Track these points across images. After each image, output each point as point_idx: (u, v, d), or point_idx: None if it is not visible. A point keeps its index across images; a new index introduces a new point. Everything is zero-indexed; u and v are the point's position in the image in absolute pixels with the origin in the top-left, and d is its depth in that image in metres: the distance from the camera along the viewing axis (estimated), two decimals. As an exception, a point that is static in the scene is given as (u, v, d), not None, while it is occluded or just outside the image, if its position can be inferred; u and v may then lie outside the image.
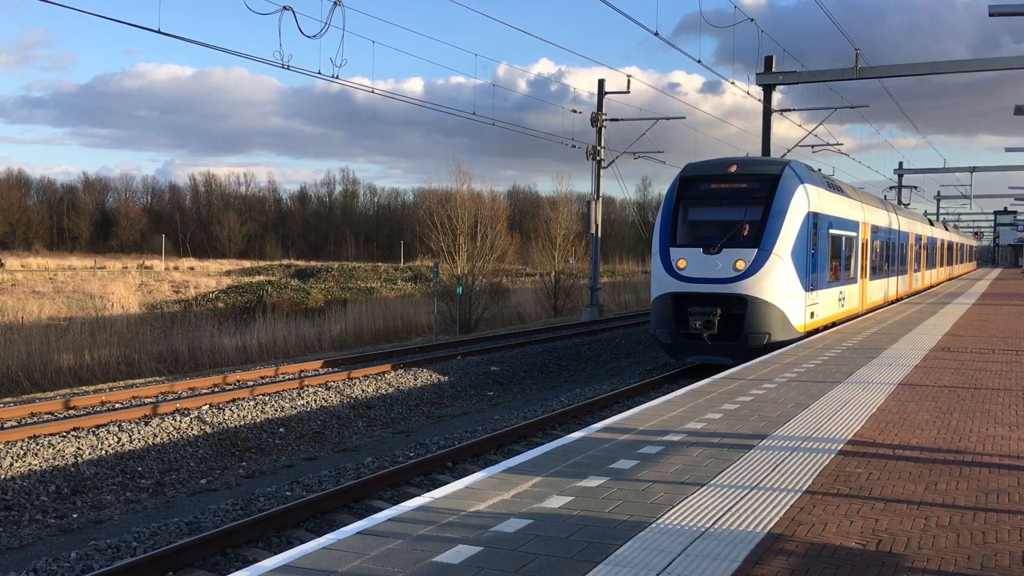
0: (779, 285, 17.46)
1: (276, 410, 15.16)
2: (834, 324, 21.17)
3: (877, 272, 27.06)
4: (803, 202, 18.22)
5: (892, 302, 29.89)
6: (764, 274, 17.33)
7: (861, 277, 24.50)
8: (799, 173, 18.77)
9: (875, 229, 26.28)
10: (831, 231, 20.50)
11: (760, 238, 17.54)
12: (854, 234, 23.26)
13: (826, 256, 20.05)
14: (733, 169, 18.63)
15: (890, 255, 29.57)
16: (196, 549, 8.28)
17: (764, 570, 4.92)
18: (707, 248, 17.75)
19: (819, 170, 22.62)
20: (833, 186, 22.06)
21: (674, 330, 18.04)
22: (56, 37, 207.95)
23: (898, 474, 7.09)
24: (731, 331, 17.53)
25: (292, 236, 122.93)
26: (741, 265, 17.37)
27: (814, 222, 18.79)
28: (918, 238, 37.30)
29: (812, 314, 19.05)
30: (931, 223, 47.40)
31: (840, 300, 21.83)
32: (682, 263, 17.88)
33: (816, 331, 19.36)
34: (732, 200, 18.32)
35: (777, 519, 5.86)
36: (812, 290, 18.89)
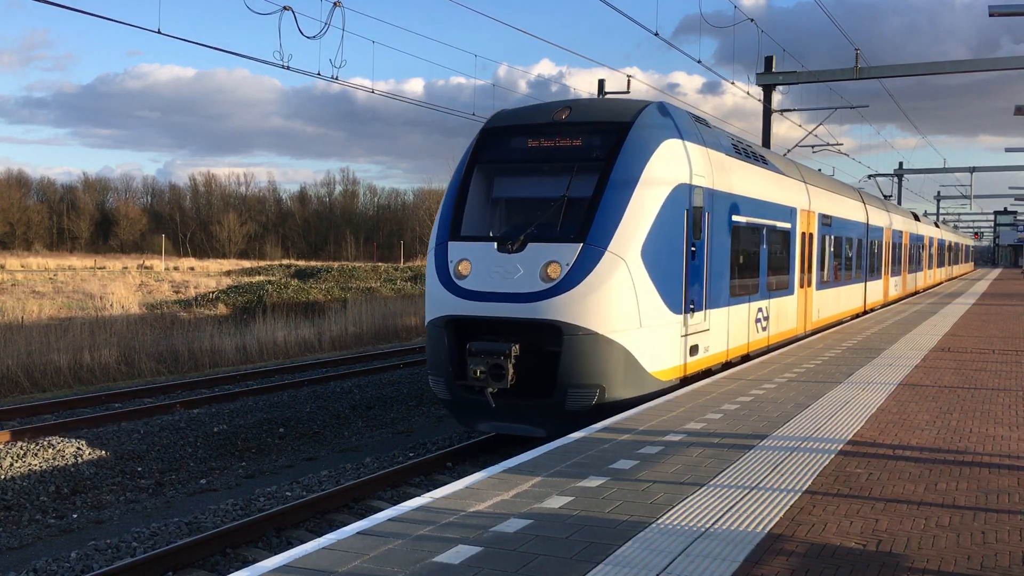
0: (622, 304, 10.62)
1: (276, 410, 15.16)
2: (748, 357, 14.68)
3: (832, 277, 20.68)
4: (674, 167, 11.53)
5: (859, 314, 24.63)
6: (594, 285, 10.45)
7: (802, 285, 17.96)
8: (665, 123, 11.83)
9: (826, 220, 19.65)
10: (738, 218, 13.92)
11: (588, 226, 10.71)
12: (786, 224, 16.61)
13: (726, 256, 13.46)
14: (564, 116, 11.86)
15: (853, 255, 23.23)
16: (196, 549, 8.29)
17: (764, 570, 4.93)
18: (504, 243, 10.90)
19: (753, 147, 16.45)
20: (744, 151, 14.96)
21: (450, 379, 11.12)
22: (58, 38, 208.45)
23: (898, 474, 7.09)
24: (538, 383, 10.61)
25: (292, 236, 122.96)
26: (555, 271, 10.55)
27: (698, 202, 12.12)
28: (897, 234, 31.19)
29: (695, 348, 12.29)
30: (916, 218, 40.56)
31: (760, 321, 15.27)
32: (464, 267, 11.07)
33: (707, 372, 12.91)
34: (554, 165, 11.53)
35: (777, 519, 5.86)
36: (694, 310, 12.12)
